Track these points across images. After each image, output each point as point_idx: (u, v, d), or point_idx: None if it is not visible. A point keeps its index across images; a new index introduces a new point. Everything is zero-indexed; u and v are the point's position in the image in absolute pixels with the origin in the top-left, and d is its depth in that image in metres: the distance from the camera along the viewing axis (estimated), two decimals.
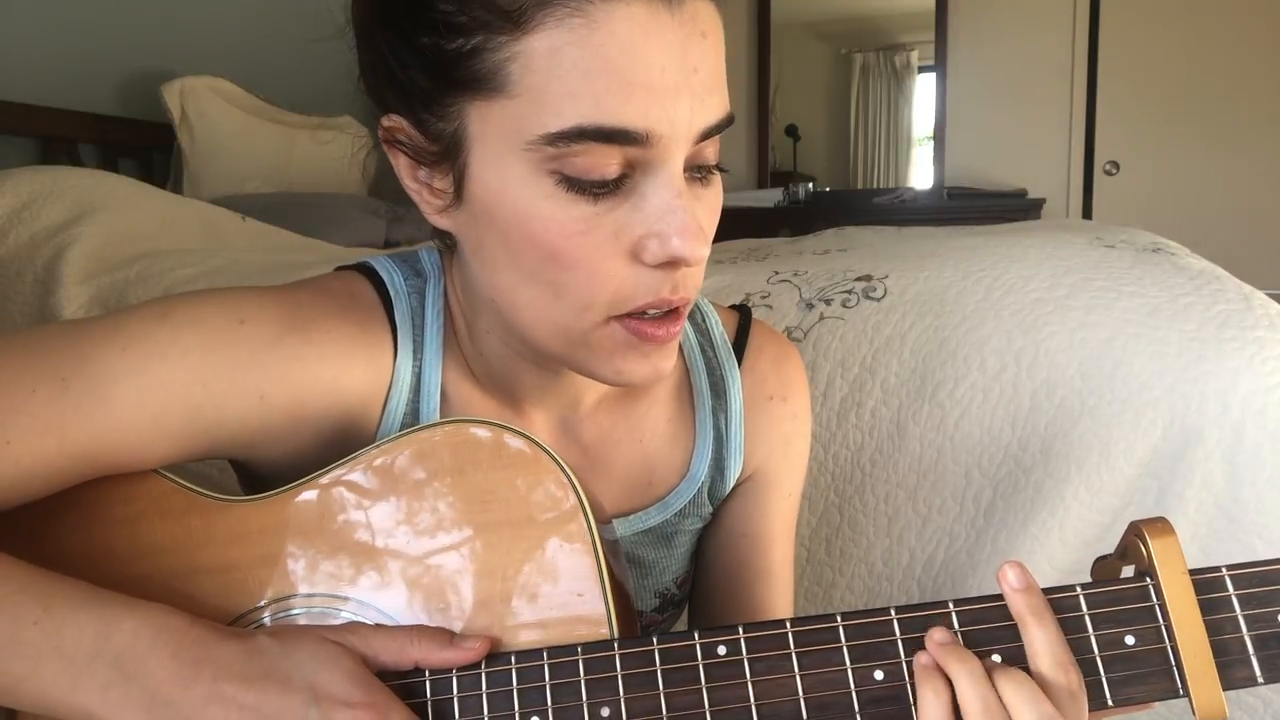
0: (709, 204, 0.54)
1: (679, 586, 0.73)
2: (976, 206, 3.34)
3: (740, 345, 0.72)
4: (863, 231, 2.09)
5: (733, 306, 0.76)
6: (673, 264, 0.51)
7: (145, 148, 2.14)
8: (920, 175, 3.71)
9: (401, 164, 0.56)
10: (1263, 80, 3.39)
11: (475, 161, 0.51)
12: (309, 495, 0.54)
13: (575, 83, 0.47)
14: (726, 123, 0.52)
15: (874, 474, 1.01)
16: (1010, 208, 3.30)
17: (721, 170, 0.55)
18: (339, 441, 0.59)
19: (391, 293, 0.62)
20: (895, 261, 1.16)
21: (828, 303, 1.09)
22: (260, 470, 0.61)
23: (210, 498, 0.55)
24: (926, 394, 1.00)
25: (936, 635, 0.48)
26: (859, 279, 1.12)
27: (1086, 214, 3.49)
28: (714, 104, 0.50)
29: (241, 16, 2.37)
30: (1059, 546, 0.95)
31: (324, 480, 0.54)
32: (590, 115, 0.47)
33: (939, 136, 3.63)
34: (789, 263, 1.26)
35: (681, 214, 0.49)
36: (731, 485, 0.71)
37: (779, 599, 0.72)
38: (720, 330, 0.72)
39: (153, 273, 1.25)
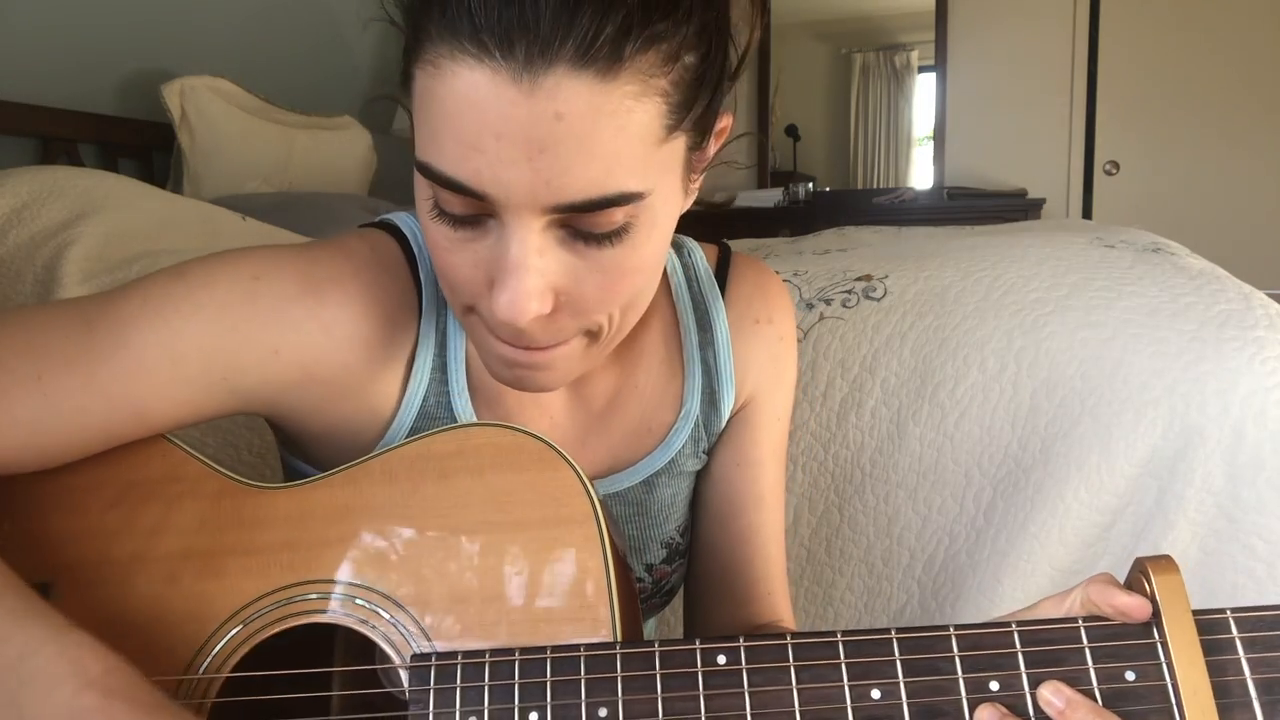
0: (603, 268, 0.51)
1: (681, 535, 0.74)
2: (976, 206, 3.34)
3: (723, 276, 0.73)
4: (863, 231, 2.09)
5: (715, 244, 0.76)
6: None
7: (145, 148, 2.14)
8: (920, 175, 3.72)
9: None
10: (1263, 80, 3.39)
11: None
12: (333, 487, 0.56)
13: (430, 125, 0.48)
14: (610, 202, 0.48)
15: (874, 474, 1.01)
16: (1010, 208, 3.31)
17: (624, 238, 0.51)
18: (364, 397, 0.61)
19: (415, 249, 0.63)
20: (895, 261, 1.16)
21: (828, 303, 1.09)
22: (294, 429, 0.63)
23: (242, 483, 0.57)
24: (926, 394, 1.00)
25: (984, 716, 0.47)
26: (859, 279, 1.12)
27: (1086, 214, 3.49)
28: (576, 184, 0.47)
29: (241, 16, 2.37)
30: (1059, 547, 0.95)
31: (348, 473, 0.56)
32: (434, 159, 0.48)
33: (939, 136, 3.64)
34: (789, 263, 1.26)
35: (510, 278, 0.49)
36: (726, 416, 0.72)
37: (770, 523, 0.73)
38: (704, 264, 0.73)
39: (153, 272, 1.24)
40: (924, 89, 3.67)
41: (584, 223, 0.50)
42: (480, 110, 0.46)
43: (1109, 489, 0.94)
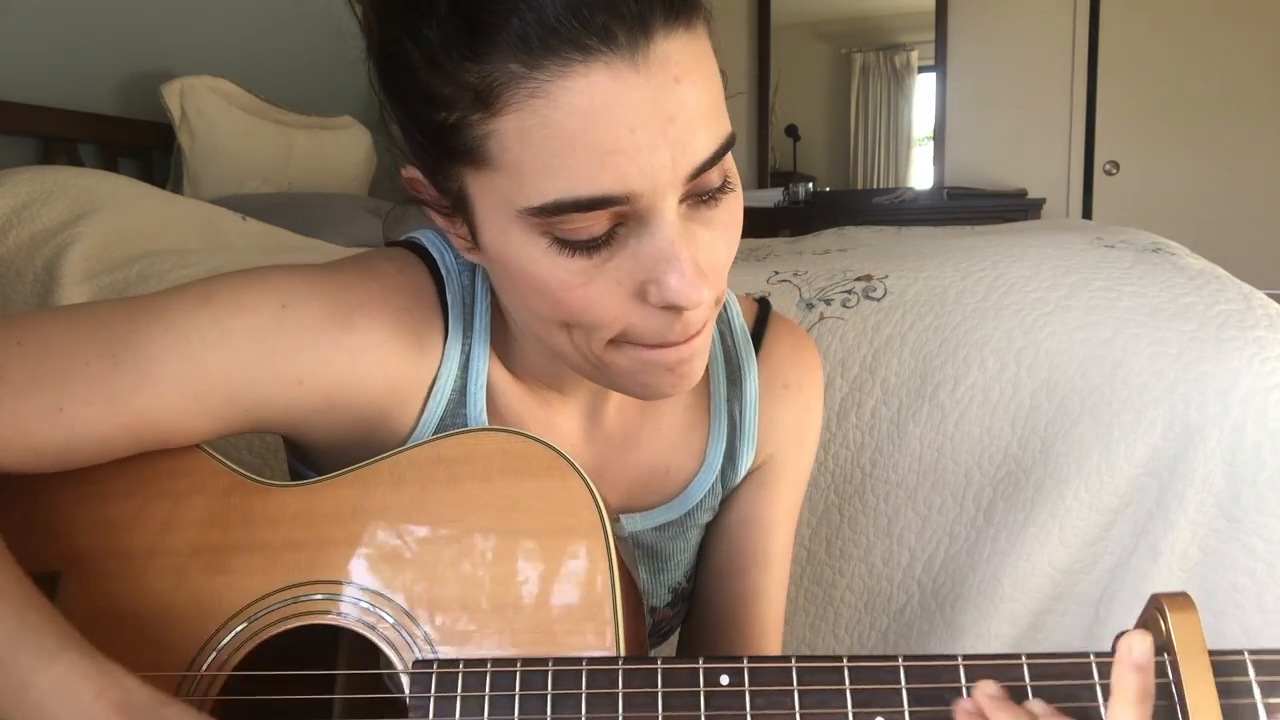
0: (721, 225, 0.52)
1: (688, 580, 0.74)
2: (976, 206, 3.34)
3: (759, 335, 0.72)
4: (863, 231, 2.09)
5: (754, 298, 0.76)
6: (675, 308, 0.51)
7: (145, 148, 2.13)
8: (920, 175, 3.72)
9: (427, 208, 0.56)
10: (1262, 80, 3.39)
11: (479, 220, 0.52)
12: (342, 487, 0.56)
13: (547, 160, 0.46)
14: (724, 149, 0.50)
15: (874, 474, 1.01)
16: (1010, 208, 3.31)
17: (730, 188, 0.53)
18: (383, 421, 0.61)
19: (443, 271, 0.62)
20: (895, 261, 1.16)
21: (828, 303, 1.09)
22: (308, 445, 0.63)
23: (252, 480, 0.57)
24: (926, 394, 1.00)
25: (988, 689, 0.46)
26: (859, 279, 1.12)
27: (1086, 214, 3.49)
28: (702, 141, 0.48)
29: (241, 16, 2.37)
30: (1059, 546, 0.95)
31: (358, 474, 0.56)
32: (566, 189, 0.46)
33: (939, 136, 3.64)
34: (789, 263, 1.26)
35: (675, 262, 0.49)
36: (742, 475, 0.72)
37: (774, 587, 0.73)
38: (740, 319, 0.72)
39: (153, 273, 1.24)
40: (924, 89, 3.67)
41: (703, 184, 0.50)
42: (607, 111, 0.45)
43: (1109, 489, 0.94)
